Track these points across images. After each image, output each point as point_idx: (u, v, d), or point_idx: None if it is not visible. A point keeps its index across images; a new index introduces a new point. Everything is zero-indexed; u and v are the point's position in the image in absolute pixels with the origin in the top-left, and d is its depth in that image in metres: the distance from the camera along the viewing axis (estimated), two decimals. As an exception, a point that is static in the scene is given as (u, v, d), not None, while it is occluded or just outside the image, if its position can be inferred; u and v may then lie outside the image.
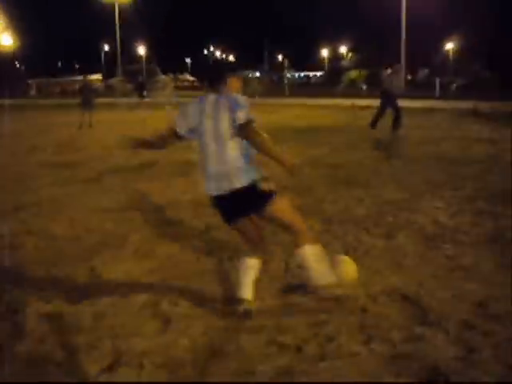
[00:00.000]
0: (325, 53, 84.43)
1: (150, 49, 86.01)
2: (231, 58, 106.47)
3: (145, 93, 30.71)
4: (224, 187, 3.18)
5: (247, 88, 34.85)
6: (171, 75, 58.59)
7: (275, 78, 77.45)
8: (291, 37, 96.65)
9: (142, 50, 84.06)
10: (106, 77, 68.49)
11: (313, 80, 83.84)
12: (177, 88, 60.33)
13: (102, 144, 11.97)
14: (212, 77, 3.42)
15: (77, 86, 33.52)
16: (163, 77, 47.89)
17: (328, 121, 16.64)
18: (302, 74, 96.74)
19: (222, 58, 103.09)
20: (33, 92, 62.27)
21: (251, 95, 34.22)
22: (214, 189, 3.24)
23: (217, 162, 3.20)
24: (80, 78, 55.18)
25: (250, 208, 3.26)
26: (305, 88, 50.54)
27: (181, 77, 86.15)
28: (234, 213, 3.29)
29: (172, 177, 7.84)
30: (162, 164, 8.81)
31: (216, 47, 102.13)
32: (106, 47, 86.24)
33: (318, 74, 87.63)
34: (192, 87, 64.38)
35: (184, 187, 6.90)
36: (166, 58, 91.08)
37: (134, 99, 29.46)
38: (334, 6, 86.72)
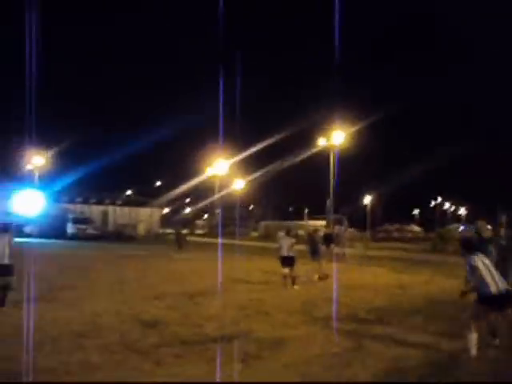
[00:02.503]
0: None
1: (374, 198, 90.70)
2: (462, 211, 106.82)
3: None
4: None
5: (447, 245, 36.25)
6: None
7: (508, 232, 74.56)
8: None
9: (367, 199, 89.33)
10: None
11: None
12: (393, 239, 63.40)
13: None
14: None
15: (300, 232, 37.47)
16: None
17: None
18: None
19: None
20: (255, 234, 70.98)
21: (453, 251, 35.47)
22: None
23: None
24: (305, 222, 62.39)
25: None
26: None
27: (406, 227, 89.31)
28: None
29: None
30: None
31: (445, 198, 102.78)
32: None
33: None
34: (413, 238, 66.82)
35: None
36: (392, 209, 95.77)
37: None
38: None
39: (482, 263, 7.11)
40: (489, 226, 9.64)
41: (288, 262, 14.44)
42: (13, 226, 11.29)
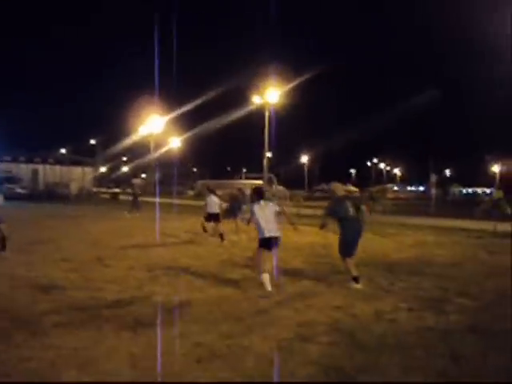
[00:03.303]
0: (496, 168, 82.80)
1: (312, 158, 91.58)
2: (396, 171, 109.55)
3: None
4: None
5: (376, 204, 36.77)
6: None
7: (439, 193, 77.33)
8: (459, 152, 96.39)
9: (304, 159, 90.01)
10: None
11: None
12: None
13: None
14: None
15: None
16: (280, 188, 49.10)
17: (445, 253, 13.82)
18: (470, 190, 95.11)
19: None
20: (191, 193, 70.29)
21: (381, 211, 35.92)
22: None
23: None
24: (242, 181, 62.08)
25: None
26: (459, 206, 43.04)
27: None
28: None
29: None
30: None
31: (380, 159, 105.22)
32: (269, 154, 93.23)
33: (488, 190, 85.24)
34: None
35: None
36: (329, 168, 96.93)
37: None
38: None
39: (261, 210, 8.72)
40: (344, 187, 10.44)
41: (214, 217, 15.32)
42: None
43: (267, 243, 8.60)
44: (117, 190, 68.35)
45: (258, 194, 9.10)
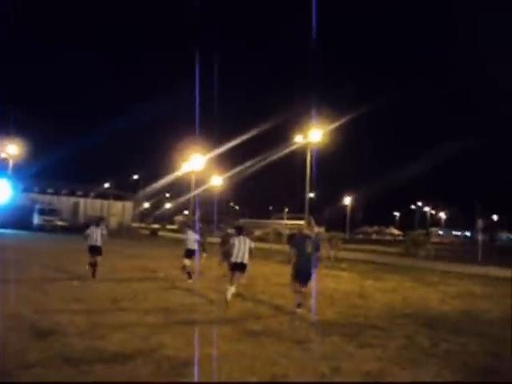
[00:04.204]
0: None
1: (355, 199, 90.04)
2: (442, 215, 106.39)
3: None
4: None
5: (419, 249, 35.24)
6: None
7: (486, 238, 74.48)
8: (508, 197, 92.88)
9: (347, 200, 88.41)
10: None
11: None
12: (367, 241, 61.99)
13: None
14: None
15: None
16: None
17: (493, 307, 12.51)
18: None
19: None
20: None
21: (424, 257, 34.31)
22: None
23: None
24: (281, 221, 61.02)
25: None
26: (507, 253, 40.74)
27: (385, 230, 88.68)
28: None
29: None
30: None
31: (425, 203, 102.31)
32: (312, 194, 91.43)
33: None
34: (391, 241, 65.67)
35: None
36: (373, 210, 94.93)
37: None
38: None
39: (238, 242, 10.89)
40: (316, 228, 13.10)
41: (191, 253, 15.11)
42: None
43: (234, 266, 10.91)
44: (156, 226, 68.32)
45: (239, 230, 11.36)
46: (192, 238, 15.21)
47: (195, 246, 15.23)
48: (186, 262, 14.94)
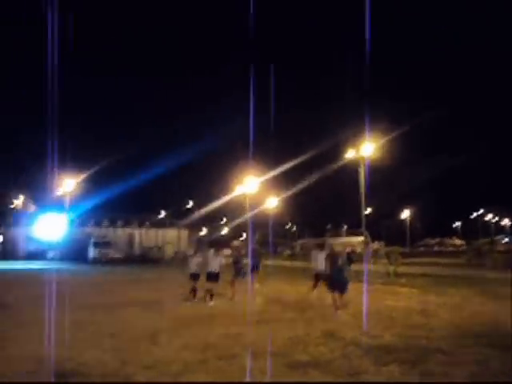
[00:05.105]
0: None
1: (413, 212, 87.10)
2: (506, 221, 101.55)
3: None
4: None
5: (484, 259, 33.01)
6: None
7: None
8: None
9: (405, 213, 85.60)
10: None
11: None
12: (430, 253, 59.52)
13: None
14: None
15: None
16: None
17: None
18: None
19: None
20: (288, 252, 67.92)
21: (491, 266, 32.00)
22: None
23: None
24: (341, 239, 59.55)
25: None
26: None
27: (447, 241, 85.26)
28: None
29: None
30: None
31: (487, 210, 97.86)
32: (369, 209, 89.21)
33: None
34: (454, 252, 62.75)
35: None
36: (432, 222, 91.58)
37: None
38: None
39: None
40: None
41: (212, 278, 14.77)
42: None
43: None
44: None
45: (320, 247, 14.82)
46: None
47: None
48: (207, 285, 14.86)
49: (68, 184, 48.89)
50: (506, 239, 79.62)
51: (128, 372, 6.98)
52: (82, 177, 50.47)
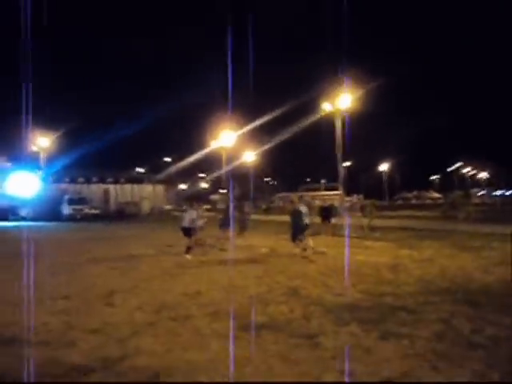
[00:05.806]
0: None
1: (392, 165, 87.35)
2: (483, 175, 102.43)
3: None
4: None
5: (458, 211, 33.07)
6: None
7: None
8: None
9: (383, 166, 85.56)
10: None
11: None
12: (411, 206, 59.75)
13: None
14: None
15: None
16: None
17: None
18: None
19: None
20: (264, 206, 67.53)
21: (464, 219, 32.13)
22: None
23: None
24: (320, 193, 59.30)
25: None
26: None
27: (425, 194, 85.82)
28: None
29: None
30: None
31: (466, 163, 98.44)
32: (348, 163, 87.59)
33: None
34: (431, 205, 62.97)
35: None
36: (409, 175, 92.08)
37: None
38: None
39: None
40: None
41: (186, 232, 15.00)
42: None
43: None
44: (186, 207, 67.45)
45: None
46: (187, 217, 15.12)
47: (188, 225, 15.04)
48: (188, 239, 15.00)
49: (42, 141, 47.74)
50: (482, 192, 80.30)
51: (71, 337, 6.52)
52: (57, 134, 49.26)
